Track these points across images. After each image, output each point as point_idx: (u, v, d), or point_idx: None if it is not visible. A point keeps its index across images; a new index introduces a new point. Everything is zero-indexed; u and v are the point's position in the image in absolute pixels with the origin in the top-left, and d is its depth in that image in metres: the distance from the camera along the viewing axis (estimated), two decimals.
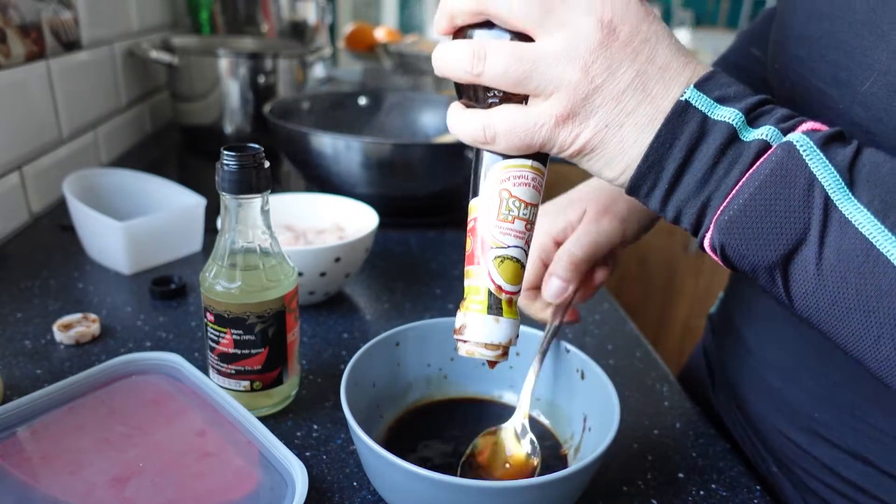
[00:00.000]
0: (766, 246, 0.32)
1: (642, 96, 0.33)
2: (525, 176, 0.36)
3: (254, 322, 0.47)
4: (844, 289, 0.31)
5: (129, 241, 0.70)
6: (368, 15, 2.95)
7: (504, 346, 0.38)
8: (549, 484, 0.36)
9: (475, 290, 0.37)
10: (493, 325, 0.37)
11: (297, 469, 0.41)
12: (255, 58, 1.14)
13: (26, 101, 0.82)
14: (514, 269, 0.37)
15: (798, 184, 0.31)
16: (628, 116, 0.33)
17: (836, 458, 0.47)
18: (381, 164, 0.83)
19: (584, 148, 0.34)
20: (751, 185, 0.31)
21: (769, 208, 0.31)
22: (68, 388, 0.48)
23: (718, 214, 0.33)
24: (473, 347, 0.38)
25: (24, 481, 0.40)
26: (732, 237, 0.33)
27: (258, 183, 0.45)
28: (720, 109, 0.32)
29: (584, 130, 0.34)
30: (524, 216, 0.36)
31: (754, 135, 0.32)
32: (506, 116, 0.34)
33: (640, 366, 0.62)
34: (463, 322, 0.38)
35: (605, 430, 0.41)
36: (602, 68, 0.32)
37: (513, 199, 0.36)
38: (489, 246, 0.37)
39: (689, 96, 0.32)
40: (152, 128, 1.29)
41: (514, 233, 0.36)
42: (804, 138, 0.31)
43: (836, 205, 0.31)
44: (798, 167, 0.31)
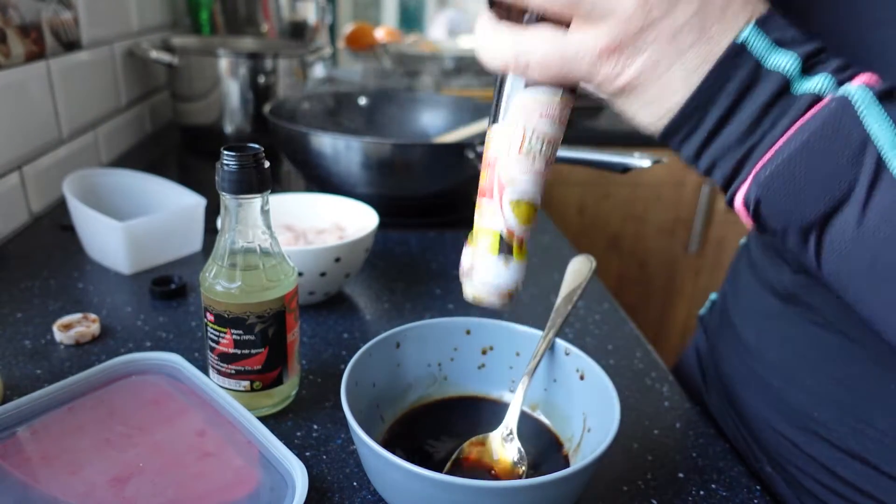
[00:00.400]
0: (805, 203, 0.30)
1: (699, 35, 0.30)
2: (553, 108, 0.33)
3: (254, 322, 0.47)
4: (884, 252, 0.29)
5: (129, 241, 0.70)
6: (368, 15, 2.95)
7: (511, 291, 0.36)
8: (549, 484, 0.36)
9: (486, 230, 0.35)
10: (502, 269, 0.35)
11: (297, 469, 0.41)
12: (255, 58, 1.14)
13: (26, 101, 0.82)
14: (530, 210, 0.35)
15: (850, 140, 0.29)
16: (679, 56, 0.30)
17: (835, 457, 0.47)
18: (381, 164, 0.83)
19: (625, 87, 0.31)
20: (797, 139, 0.29)
21: (815, 164, 0.29)
22: (68, 388, 0.48)
23: (759, 168, 0.30)
24: (481, 290, 0.36)
25: (24, 481, 0.40)
26: (770, 193, 0.30)
27: (258, 183, 0.45)
28: (776, 55, 0.30)
29: (629, 68, 0.31)
30: (546, 154, 0.34)
31: (807, 85, 0.30)
32: (543, 42, 0.31)
33: (640, 366, 0.62)
34: (471, 263, 0.36)
35: (605, 430, 0.41)
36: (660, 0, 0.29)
37: (536, 135, 0.33)
38: (506, 185, 0.34)
39: (747, 37, 0.30)
40: (152, 128, 1.29)
41: (533, 173, 0.34)
42: (861, 91, 0.29)
43: (887, 164, 0.29)
44: (852, 123, 0.29)
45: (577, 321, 0.69)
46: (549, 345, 0.49)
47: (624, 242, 1.74)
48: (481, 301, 0.37)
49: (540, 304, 0.72)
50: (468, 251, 0.37)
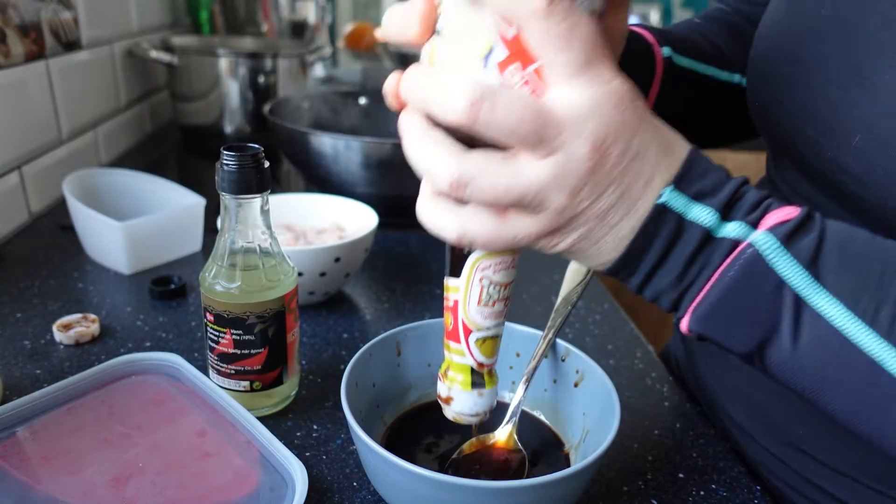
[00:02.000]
0: (739, 339, 0.33)
1: (626, 211, 0.32)
2: (505, 261, 0.36)
3: (254, 322, 0.47)
4: (822, 375, 0.32)
5: (129, 241, 0.70)
6: (368, 15, 2.95)
7: (487, 412, 0.41)
8: (549, 484, 0.36)
9: (457, 367, 0.40)
10: (476, 399, 0.40)
11: (296, 469, 0.41)
12: (255, 58, 1.14)
13: (26, 101, 0.82)
14: (494, 344, 0.39)
15: (765, 285, 0.31)
16: (611, 229, 0.33)
17: (822, 473, 0.47)
18: (381, 164, 0.83)
19: (563, 252, 0.34)
20: (720, 286, 0.32)
21: (740, 306, 0.32)
22: (68, 389, 0.48)
23: (693, 308, 0.33)
24: (459, 416, 0.41)
25: (24, 481, 0.40)
26: (707, 329, 0.33)
27: (258, 183, 0.45)
28: (696, 209, 0.32)
29: (564, 241, 0.33)
30: (504, 297, 0.37)
31: (726, 231, 0.32)
32: (483, 228, 0.32)
33: (640, 366, 0.62)
34: (448, 395, 0.40)
35: (605, 430, 0.41)
36: (589, 193, 0.31)
37: (493, 286, 0.37)
38: (470, 330, 0.38)
39: (666, 199, 0.32)
40: (152, 128, 1.29)
41: (494, 315, 0.38)
42: (767, 238, 0.31)
43: (807, 301, 0.31)
44: (762, 271, 0.31)
45: (577, 321, 0.69)
46: (549, 346, 0.49)
47: None
48: (461, 422, 0.41)
49: (540, 304, 0.72)
50: (444, 385, 0.41)
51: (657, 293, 0.34)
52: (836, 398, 0.32)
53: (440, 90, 0.30)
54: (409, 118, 0.33)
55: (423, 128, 0.32)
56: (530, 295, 0.74)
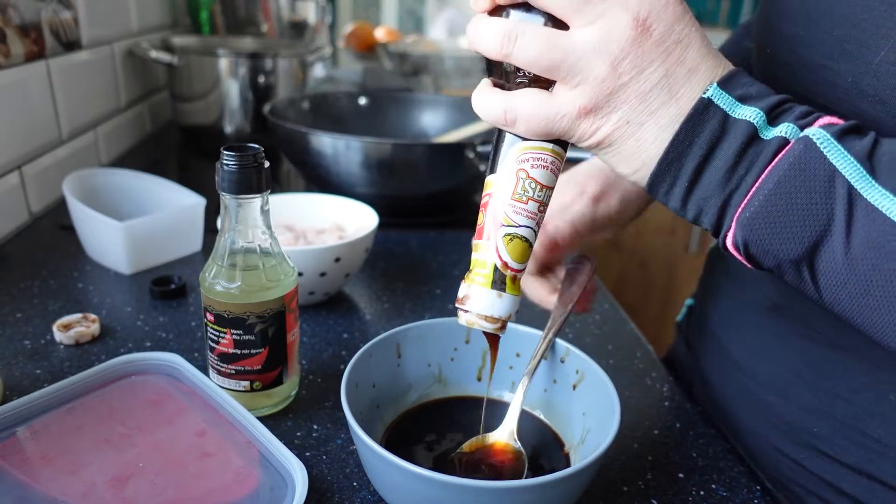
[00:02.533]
0: (789, 240, 0.32)
1: (667, 97, 0.32)
2: (544, 158, 0.36)
3: (254, 322, 0.47)
4: (877, 276, 0.31)
5: (129, 241, 0.70)
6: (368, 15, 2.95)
7: (503, 320, 0.39)
8: (549, 484, 0.36)
9: (481, 263, 0.38)
10: (495, 300, 0.38)
11: (297, 469, 0.41)
12: (255, 58, 1.14)
13: (26, 101, 0.82)
14: (522, 248, 0.38)
15: (818, 176, 0.31)
16: (651, 115, 0.33)
17: (837, 473, 0.46)
18: (381, 164, 0.83)
19: (602, 142, 0.34)
20: (770, 181, 0.31)
21: (790, 202, 0.31)
22: (68, 389, 0.48)
23: (739, 212, 0.32)
24: (474, 318, 0.39)
25: (24, 481, 0.40)
26: (755, 234, 0.32)
27: (258, 183, 0.45)
28: (741, 108, 0.32)
29: (605, 125, 0.34)
30: (538, 198, 0.37)
31: (774, 132, 0.32)
32: (528, 102, 0.34)
33: (640, 366, 0.62)
34: (466, 293, 0.39)
35: (605, 430, 0.41)
36: (631, 66, 0.32)
37: (529, 181, 0.36)
38: (500, 223, 0.37)
39: (712, 94, 0.32)
40: (152, 128, 1.29)
41: (526, 213, 0.37)
42: (821, 132, 0.31)
43: (861, 193, 0.31)
44: (817, 160, 0.31)
45: (578, 321, 0.69)
46: (549, 345, 0.49)
47: (624, 242, 1.74)
48: (473, 327, 0.39)
49: None
50: (463, 286, 0.39)
51: (702, 202, 0.34)
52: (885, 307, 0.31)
53: None
54: None
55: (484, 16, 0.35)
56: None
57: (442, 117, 1.10)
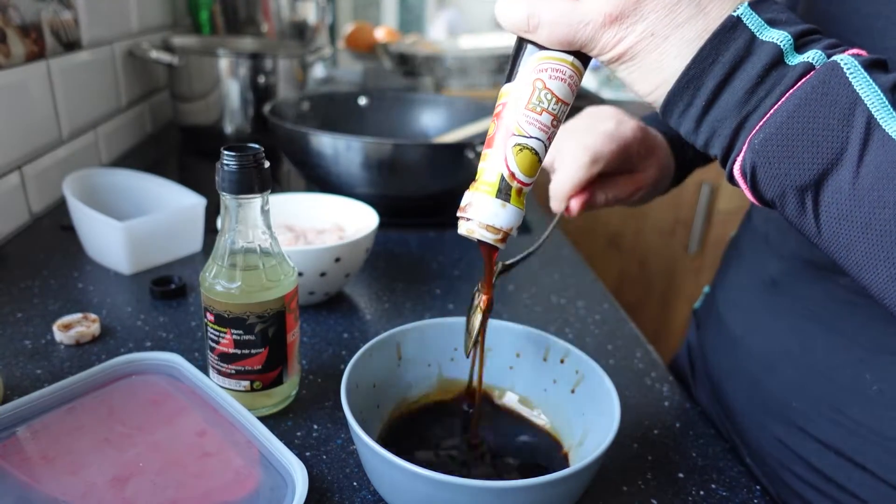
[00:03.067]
0: (799, 165, 0.31)
1: (695, 10, 0.32)
2: (563, 70, 0.35)
3: (254, 322, 0.47)
4: (879, 210, 0.30)
5: (129, 241, 0.70)
6: (368, 15, 2.95)
7: (505, 231, 0.38)
8: (550, 484, 0.36)
9: (488, 171, 0.37)
10: (498, 209, 0.37)
11: (297, 469, 0.41)
12: (255, 58, 1.14)
13: (26, 101, 0.82)
14: (531, 160, 0.37)
15: (840, 101, 0.30)
16: (677, 28, 0.32)
17: (811, 448, 0.47)
18: (381, 164, 0.83)
19: (624, 54, 0.34)
20: (790, 104, 0.31)
21: (807, 126, 0.31)
22: (68, 388, 0.48)
23: (753, 134, 0.32)
24: (474, 226, 0.38)
25: (24, 481, 0.40)
26: (766, 157, 0.32)
27: (258, 183, 0.45)
28: (770, 31, 0.32)
29: (629, 35, 0.33)
30: (553, 111, 0.36)
31: (800, 59, 0.31)
32: (553, 7, 0.33)
33: (640, 366, 0.62)
34: (469, 200, 0.38)
35: (605, 430, 0.41)
36: None
37: (545, 91, 0.36)
38: (512, 132, 0.36)
39: (741, 13, 0.32)
40: (152, 128, 1.29)
41: (538, 124, 0.36)
42: (849, 58, 0.31)
43: (880, 123, 0.30)
44: (841, 85, 0.30)
45: (577, 321, 0.69)
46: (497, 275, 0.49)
47: (624, 242, 1.74)
48: (473, 236, 0.38)
49: (540, 304, 0.72)
50: (468, 194, 0.38)
51: (716, 123, 0.33)
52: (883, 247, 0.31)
53: None
54: None
55: None
56: (530, 295, 0.74)
57: (442, 117, 1.10)
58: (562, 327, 0.67)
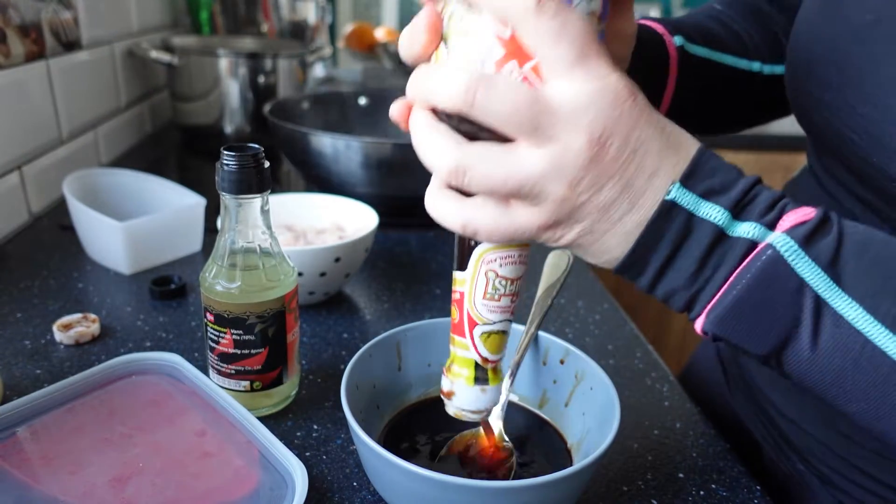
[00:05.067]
0: (757, 341, 0.32)
1: (629, 206, 0.32)
2: (511, 256, 0.36)
3: (254, 322, 0.47)
4: (841, 378, 0.32)
5: (129, 241, 0.70)
6: (368, 15, 2.95)
7: (489, 409, 0.41)
8: (550, 484, 0.36)
9: (462, 360, 0.39)
10: (479, 395, 0.40)
11: (297, 469, 0.41)
12: (255, 58, 1.14)
13: (26, 101, 0.82)
14: (500, 340, 0.39)
15: (786, 288, 0.31)
16: (614, 224, 0.33)
17: (866, 458, 0.47)
18: (381, 164, 0.83)
19: (568, 245, 0.34)
20: (738, 287, 0.31)
21: (757, 308, 0.32)
22: (68, 388, 0.48)
23: (708, 309, 0.33)
24: (461, 412, 0.40)
25: (24, 481, 0.40)
26: (724, 331, 0.33)
27: (258, 183, 0.45)
28: (706, 206, 0.32)
29: (568, 234, 0.33)
30: (510, 291, 0.37)
31: (740, 231, 0.32)
32: (486, 218, 0.33)
33: (640, 366, 0.62)
34: (451, 389, 0.40)
35: (605, 430, 0.41)
36: (589, 185, 0.31)
37: (499, 279, 0.36)
38: (475, 323, 0.38)
39: (675, 195, 0.32)
40: (152, 128, 1.29)
41: (500, 309, 0.37)
42: (787, 241, 0.31)
43: (829, 303, 0.31)
44: (784, 272, 0.31)
45: (577, 321, 0.69)
46: (531, 339, 0.49)
47: None
48: (462, 419, 0.41)
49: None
50: (447, 380, 0.40)
51: (668, 293, 0.34)
52: (855, 400, 0.32)
53: (439, 79, 0.31)
54: (416, 115, 0.34)
55: (428, 121, 0.34)
56: (530, 295, 0.73)
57: None
58: (562, 327, 0.67)
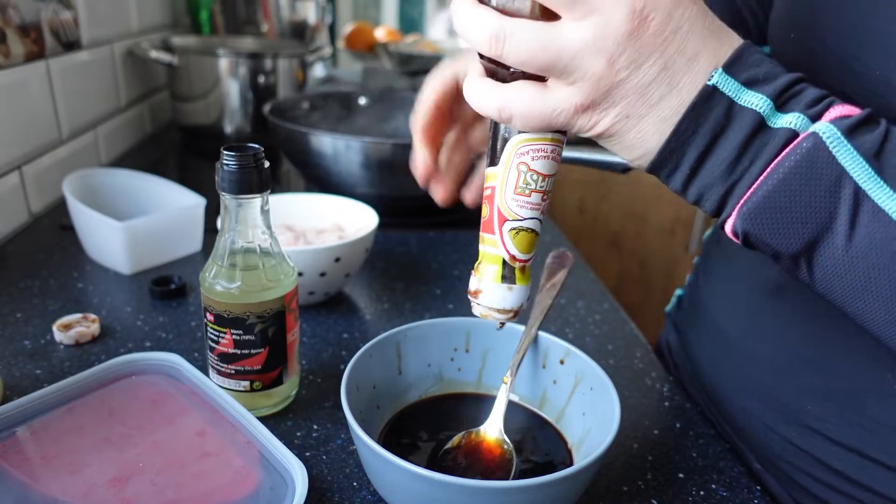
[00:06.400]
0: (789, 236, 0.31)
1: (668, 89, 0.31)
2: (544, 149, 0.35)
3: (254, 322, 0.47)
4: (876, 276, 0.31)
5: (129, 241, 0.70)
6: (368, 15, 2.95)
7: (515, 310, 0.40)
8: (550, 484, 0.36)
9: (490, 257, 0.38)
10: (506, 293, 0.39)
11: (297, 469, 0.41)
12: (255, 58, 1.14)
13: (26, 101, 0.82)
14: (529, 239, 0.38)
15: (825, 176, 0.30)
16: (651, 108, 0.32)
17: (829, 450, 0.47)
18: (381, 164, 0.83)
19: (602, 134, 0.34)
20: (775, 177, 0.31)
21: (794, 199, 0.31)
22: (68, 388, 0.48)
23: (741, 203, 0.32)
24: (487, 311, 0.40)
25: (24, 481, 0.40)
26: (754, 226, 0.32)
27: (258, 183, 0.45)
28: (748, 94, 0.31)
29: (603, 119, 0.33)
30: (541, 188, 0.36)
31: (782, 121, 0.31)
32: (523, 99, 0.33)
33: (640, 366, 0.62)
34: (478, 287, 0.39)
35: (605, 430, 0.41)
36: (628, 61, 0.31)
37: (531, 173, 0.36)
38: (505, 218, 0.37)
39: (717, 81, 0.31)
40: (152, 128, 1.29)
41: (530, 205, 0.37)
42: (831, 129, 0.30)
43: (868, 193, 0.30)
44: (825, 160, 0.30)
45: (577, 321, 0.69)
46: (532, 339, 0.49)
47: (624, 242, 1.74)
48: (488, 319, 0.40)
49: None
50: (474, 279, 0.40)
51: (703, 189, 0.33)
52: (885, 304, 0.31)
53: None
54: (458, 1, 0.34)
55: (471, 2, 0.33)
56: (530, 295, 0.73)
57: None
58: (562, 327, 0.67)
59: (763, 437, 0.51)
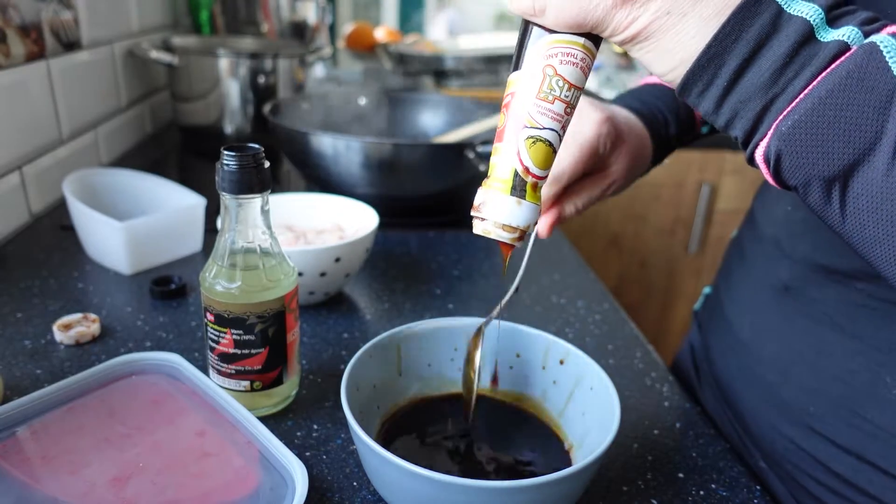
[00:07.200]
0: (829, 155, 0.29)
1: None
2: (574, 54, 0.33)
3: (254, 322, 0.47)
4: None
5: (129, 241, 0.70)
6: (368, 15, 2.95)
7: (522, 230, 0.36)
8: (550, 484, 0.36)
9: (501, 167, 0.35)
10: (513, 207, 0.36)
11: (297, 469, 0.41)
12: (255, 58, 1.14)
13: (26, 101, 0.82)
14: (546, 152, 0.35)
15: (877, 88, 0.28)
16: (694, 5, 0.30)
17: (829, 453, 0.47)
18: (381, 164, 0.83)
19: (638, 34, 0.31)
20: (822, 88, 0.28)
21: (840, 113, 0.28)
22: (68, 388, 0.48)
23: (780, 120, 0.30)
24: (490, 227, 0.36)
25: (24, 481, 0.40)
26: (792, 145, 0.29)
27: (258, 183, 0.45)
28: (798, 3, 0.29)
29: (643, 14, 0.31)
30: (566, 98, 0.34)
31: (833, 35, 0.29)
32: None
33: (640, 366, 0.62)
34: (483, 199, 0.36)
35: (605, 429, 0.41)
36: None
37: (557, 78, 0.33)
38: (523, 124, 0.34)
39: None
40: (152, 128, 1.29)
41: (551, 114, 0.34)
42: (889, 39, 0.28)
43: None
44: (880, 70, 0.28)
45: (577, 321, 0.69)
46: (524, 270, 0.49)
47: (624, 242, 1.74)
48: (489, 236, 0.37)
49: (540, 304, 0.72)
50: (481, 192, 0.36)
51: (738, 105, 0.30)
52: None
53: None
54: None
55: None
56: (530, 295, 0.74)
57: (442, 117, 1.10)
58: (562, 327, 0.67)
59: (768, 436, 0.51)
